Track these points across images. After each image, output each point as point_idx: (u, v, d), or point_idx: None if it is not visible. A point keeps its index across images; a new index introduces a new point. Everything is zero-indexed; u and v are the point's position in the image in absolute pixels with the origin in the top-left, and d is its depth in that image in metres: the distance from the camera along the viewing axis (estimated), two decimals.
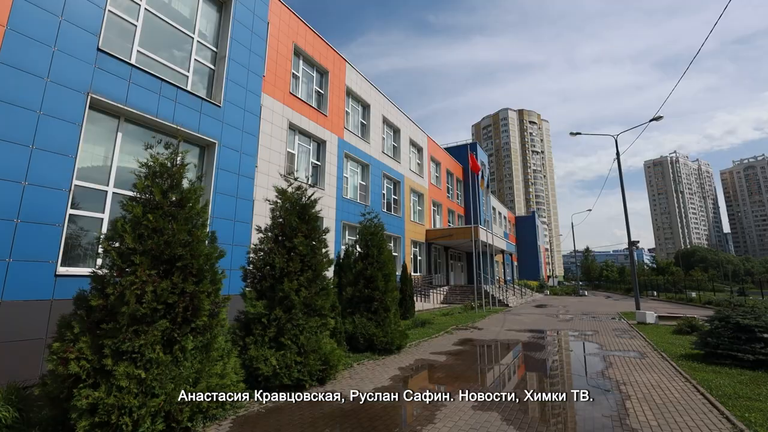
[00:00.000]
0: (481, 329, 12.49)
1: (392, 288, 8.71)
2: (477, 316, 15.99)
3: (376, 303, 8.38)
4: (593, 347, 9.30)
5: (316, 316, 6.20)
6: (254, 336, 5.62)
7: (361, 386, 5.82)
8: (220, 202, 8.60)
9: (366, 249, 8.96)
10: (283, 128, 15.92)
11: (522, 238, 62.90)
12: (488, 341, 10.13)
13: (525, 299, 30.31)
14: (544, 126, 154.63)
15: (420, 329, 11.61)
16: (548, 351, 8.97)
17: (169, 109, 7.81)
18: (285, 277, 5.97)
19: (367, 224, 9.29)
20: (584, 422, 4.46)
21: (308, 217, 6.64)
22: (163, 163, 4.86)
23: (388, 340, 8.11)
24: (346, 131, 20.15)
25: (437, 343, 9.73)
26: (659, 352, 8.36)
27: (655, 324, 13.41)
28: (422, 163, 29.69)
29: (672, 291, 38.32)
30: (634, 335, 11.10)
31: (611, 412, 4.72)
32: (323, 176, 18.08)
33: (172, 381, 4.05)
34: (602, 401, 5.18)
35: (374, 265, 8.69)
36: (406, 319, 13.91)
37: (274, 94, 15.69)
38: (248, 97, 9.69)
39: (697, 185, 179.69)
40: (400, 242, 24.50)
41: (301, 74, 17.91)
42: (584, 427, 4.33)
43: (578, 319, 15.85)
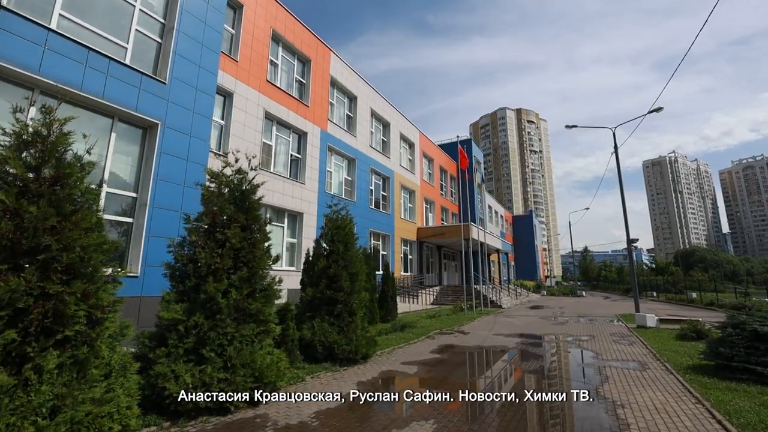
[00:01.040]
0: (466, 333, 11.45)
1: (359, 289, 7.67)
2: (465, 318, 14.95)
3: (340, 306, 7.33)
4: (588, 356, 8.27)
5: (251, 323, 5.15)
6: (168, 347, 4.58)
7: (301, 409, 4.78)
8: (163, 191, 7.55)
9: (331, 245, 7.92)
10: (259, 117, 14.88)
11: (519, 237, 61.89)
12: (472, 348, 9.09)
13: (520, 300, 29.28)
14: (543, 125, 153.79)
15: (399, 334, 10.57)
16: (536, 361, 7.93)
17: (96, 82, 6.76)
18: (211, 275, 4.92)
19: (333, 216, 8.24)
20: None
21: (248, 206, 5.60)
22: (38, 130, 3.81)
23: (352, 349, 7.07)
24: (330, 123, 19.11)
25: (414, 350, 8.69)
26: (662, 362, 7.32)
27: (656, 328, 12.38)
28: (414, 159, 28.67)
29: (672, 291, 37.35)
30: (634, 341, 10.07)
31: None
32: (304, 169, 17.04)
33: (12, 413, 3.01)
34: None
35: (339, 263, 7.65)
36: (387, 321, 12.88)
37: (249, 81, 14.66)
38: (202, 76, 8.64)
39: (696, 185, 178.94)
40: (389, 240, 23.46)
41: (281, 62, 16.87)
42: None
43: (573, 322, 14.81)
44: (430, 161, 31.92)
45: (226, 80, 13.57)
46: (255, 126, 14.61)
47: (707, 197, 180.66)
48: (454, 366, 7.31)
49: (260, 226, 5.66)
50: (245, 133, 14.13)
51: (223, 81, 13.43)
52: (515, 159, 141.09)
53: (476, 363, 7.81)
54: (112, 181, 7.14)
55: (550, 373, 6.79)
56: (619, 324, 14.31)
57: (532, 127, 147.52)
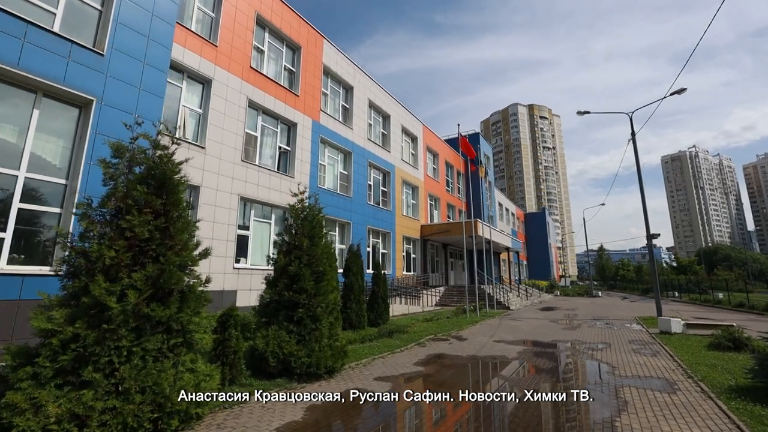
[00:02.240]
0: (464, 340, 10.18)
1: (326, 291, 6.49)
2: (466, 321, 13.64)
3: (302, 311, 6.17)
4: (602, 370, 6.91)
5: (160, 333, 4.03)
6: (36, 367, 3.48)
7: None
8: (98, 177, 6.50)
9: (294, 239, 6.77)
10: (241, 106, 13.87)
11: (531, 236, 59.92)
12: (465, 359, 7.82)
13: (530, 301, 27.70)
14: (556, 121, 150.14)
15: (385, 341, 9.36)
16: (537, 377, 6.63)
17: (10, 50, 5.76)
18: (101, 274, 3.82)
19: (299, 207, 7.09)
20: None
21: (167, 188, 4.49)
22: None
23: (313, 362, 5.89)
24: (323, 114, 18.02)
25: (396, 361, 7.48)
26: (695, 380, 5.92)
27: (682, 334, 10.85)
28: (417, 154, 27.38)
29: (695, 291, 35.13)
30: (657, 350, 8.62)
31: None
32: (293, 162, 15.98)
33: None
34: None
35: (302, 260, 6.49)
36: (377, 325, 11.67)
37: (230, 67, 13.65)
38: (152, 49, 7.60)
39: (718, 180, 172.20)
40: (390, 238, 22.25)
41: (267, 48, 15.84)
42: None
43: (587, 327, 13.34)
44: (435, 156, 30.59)
45: (204, 66, 12.60)
46: (237, 115, 13.61)
47: (731, 193, 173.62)
48: (436, 384, 6.07)
49: (181, 212, 4.54)
50: (225, 123, 13.13)
51: (201, 67, 12.46)
52: (527, 156, 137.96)
53: (465, 380, 6.54)
54: (35, 165, 6.14)
55: (556, 398, 5.49)
56: (638, 329, 12.79)
57: (545, 123, 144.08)
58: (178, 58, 11.79)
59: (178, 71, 12.08)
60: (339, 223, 18.58)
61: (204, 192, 12.03)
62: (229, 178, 12.93)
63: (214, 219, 12.16)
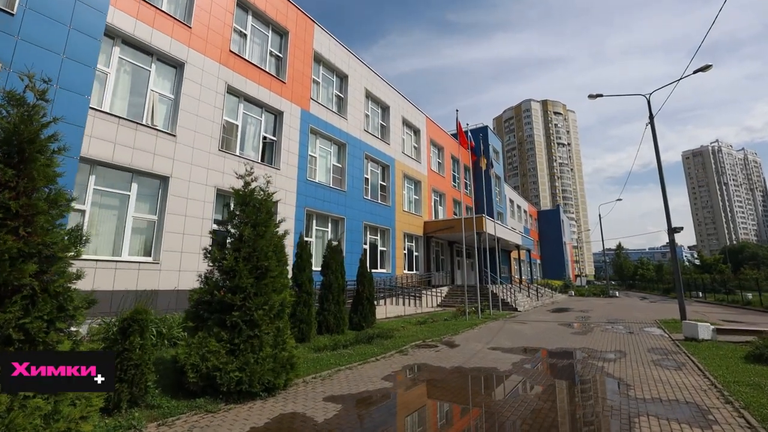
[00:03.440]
0: (455, 346, 8.92)
1: (270, 290, 5.35)
2: (463, 325, 12.34)
3: (237, 314, 5.04)
4: (613, 390, 5.58)
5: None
6: None
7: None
8: None
9: (237, 228, 5.66)
10: (219, 92, 12.89)
11: (545, 234, 57.81)
12: (446, 372, 6.56)
13: (541, 301, 26.11)
14: (571, 117, 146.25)
15: (362, 347, 8.18)
16: (527, 398, 5.34)
17: None
18: None
19: (244, 190, 5.97)
20: None
21: (26, 156, 3.42)
22: None
23: (245, 377, 4.76)
24: (313, 103, 16.94)
25: (364, 374, 6.28)
26: (737, 407, 4.56)
27: (711, 341, 9.33)
28: (420, 147, 26.09)
29: (721, 291, 32.83)
30: (683, 362, 7.20)
31: None
32: (279, 153, 14.94)
33: None
34: None
35: (240, 252, 5.37)
36: (362, 329, 10.51)
37: (206, 50, 12.68)
38: (80, 11, 6.60)
39: (743, 176, 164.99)
40: (389, 235, 21.05)
41: (251, 32, 14.83)
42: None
43: (600, 331, 11.88)
44: (439, 150, 29.24)
45: (176, 48, 11.66)
46: (214, 102, 12.63)
47: (756, 189, 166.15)
48: (402, 408, 4.86)
49: (46, 187, 3.46)
50: (200, 109, 12.17)
51: (172, 49, 11.53)
52: (542, 153, 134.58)
53: (438, 402, 5.31)
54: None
55: (544, 428, 4.21)
56: (659, 334, 11.28)
57: (560, 119, 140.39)
58: (145, 39, 10.88)
59: (146, 53, 11.16)
60: (332, 219, 17.48)
61: (174, 183, 11.07)
62: (204, 168, 11.96)
63: (186, 212, 11.20)
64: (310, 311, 8.74)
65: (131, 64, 10.87)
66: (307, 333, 8.58)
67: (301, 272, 8.96)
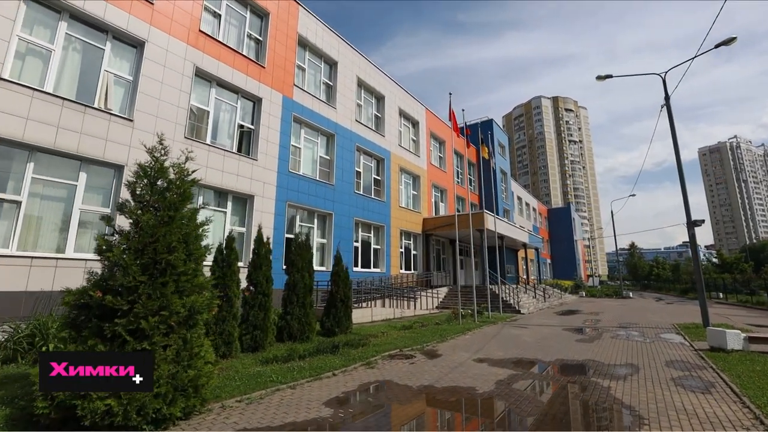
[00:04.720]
0: (436, 357, 7.62)
1: (170, 291, 4.16)
2: (455, 330, 11.00)
3: (121, 322, 3.86)
4: (619, 429, 4.23)
5: None
6: None
7: None
8: None
9: (133, 213, 4.47)
10: (186, 75, 11.80)
11: (556, 233, 55.83)
12: (412, 393, 5.27)
13: (548, 303, 24.54)
14: (582, 113, 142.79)
15: (322, 358, 6.93)
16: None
17: None
18: None
19: (152, 166, 4.78)
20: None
21: None
22: None
23: (120, 408, 3.56)
24: (297, 90, 15.79)
25: (305, 395, 5.03)
26: None
27: (743, 351, 7.83)
28: (419, 140, 24.76)
29: (743, 292, 30.72)
30: (712, 381, 5.79)
31: None
32: (256, 143, 13.81)
33: None
34: None
35: (133, 242, 4.18)
36: (334, 335, 9.27)
37: (171, 29, 11.59)
38: None
39: (763, 172, 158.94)
40: (384, 232, 19.78)
41: (226, 12, 13.72)
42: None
43: (609, 338, 10.42)
44: (441, 144, 27.84)
45: (134, 26, 10.62)
46: (179, 85, 11.56)
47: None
48: None
49: None
50: (163, 93, 11.11)
51: (129, 26, 10.49)
52: (552, 150, 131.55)
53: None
54: None
55: None
56: (679, 341, 9.78)
57: (571, 116, 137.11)
58: (98, 14, 9.85)
59: (100, 30, 10.13)
60: (318, 214, 16.31)
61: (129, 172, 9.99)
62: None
63: None
64: (266, 315, 7.56)
65: (81, 41, 9.85)
66: (262, 341, 7.39)
67: (256, 270, 7.76)
